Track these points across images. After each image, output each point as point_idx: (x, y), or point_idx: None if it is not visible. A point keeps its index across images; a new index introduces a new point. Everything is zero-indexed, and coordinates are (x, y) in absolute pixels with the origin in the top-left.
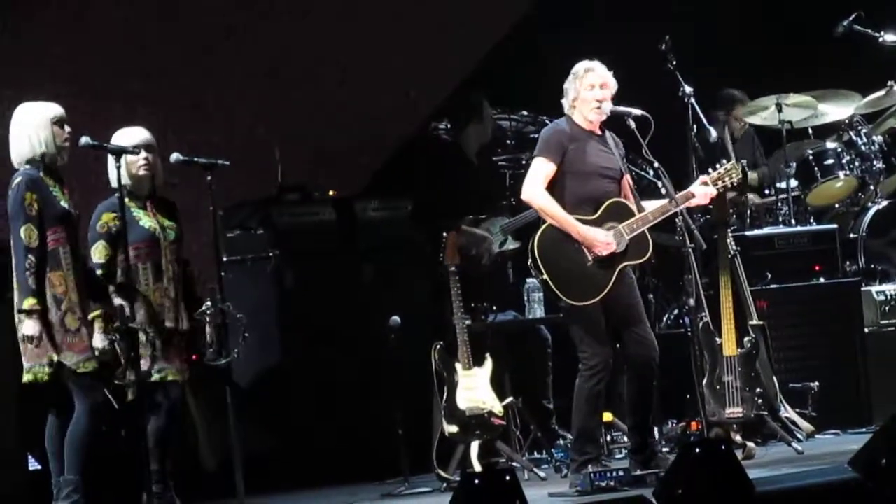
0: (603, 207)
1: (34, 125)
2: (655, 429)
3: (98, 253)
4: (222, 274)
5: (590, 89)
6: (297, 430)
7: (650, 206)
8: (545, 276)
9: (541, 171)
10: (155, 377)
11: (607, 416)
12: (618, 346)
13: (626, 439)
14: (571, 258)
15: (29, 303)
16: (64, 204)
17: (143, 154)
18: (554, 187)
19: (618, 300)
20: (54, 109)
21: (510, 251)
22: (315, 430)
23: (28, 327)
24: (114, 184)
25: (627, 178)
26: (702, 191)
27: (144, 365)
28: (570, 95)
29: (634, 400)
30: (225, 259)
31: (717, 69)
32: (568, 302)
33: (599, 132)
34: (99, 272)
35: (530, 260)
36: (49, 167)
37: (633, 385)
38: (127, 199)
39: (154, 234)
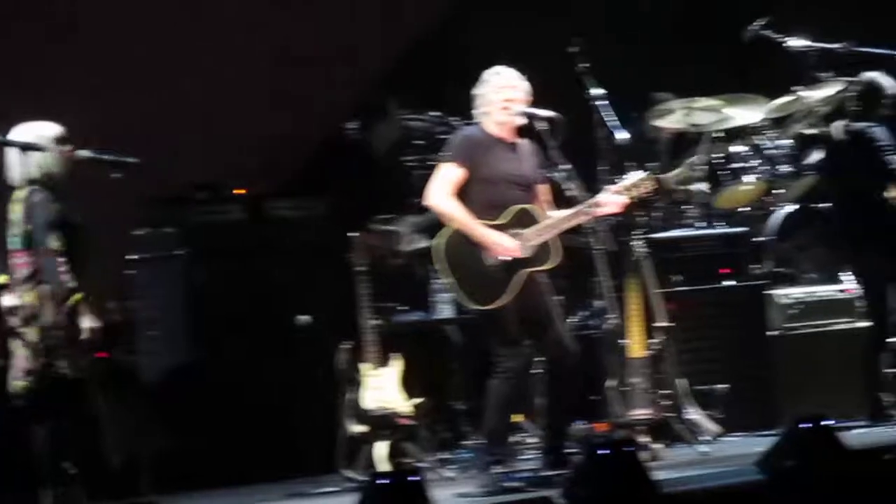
0: (509, 213)
1: None
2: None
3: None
4: (131, 272)
5: (498, 92)
6: (204, 428)
7: (561, 213)
8: (448, 280)
9: (447, 176)
10: (60, 374)
11: (516, 417)
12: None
13: (533, 440)
14: (475, 262)
15: None
16: None
17: (64, 147)
18: (461, 193)
19: (530, 304)
20: None
21: (420, 251)
22: (222, 429)
23: None
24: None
25: (544, 187)
26: (611, 199)
27: (48, 362)
28: (480, 101)
29: (552, 401)
30: (134, 257)
31: (630, 72)
32: (470, 305)
33: (512, 140)
34: None
35: (434, 264)
36: None
37: (551, 386)
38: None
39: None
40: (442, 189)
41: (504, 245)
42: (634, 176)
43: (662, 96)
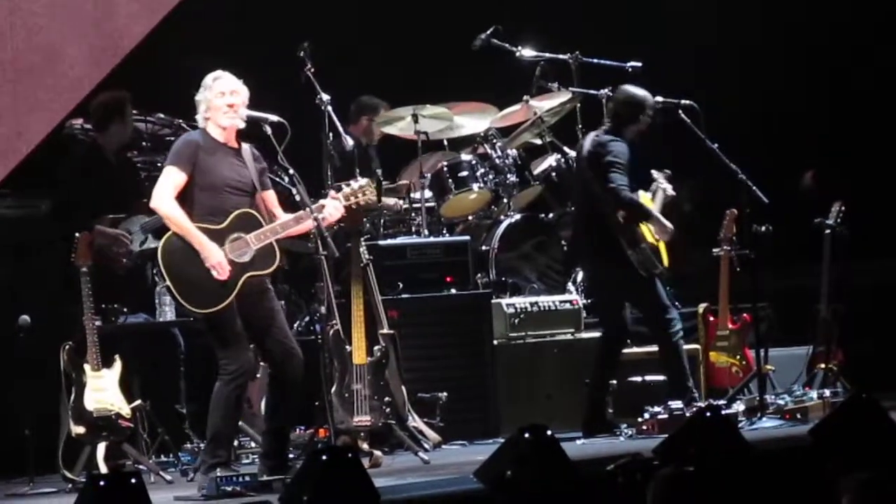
0: (230, 218)
1: None
2: None
3: None
4: None
5: (220, 97)
6: None
7: (284, 218)
8: (168, 283)
9: (170, 180)
10: None
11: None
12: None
13: (254, 444)
14: (196, 266)
15: None
16: None
17: None
18: (184, 197)
19: (254, 310)
20: None
21: (149, 251)
22: None
23: None
24: None
25: (268, 193)
26: (332, 205)
27: None
28: (202, 107)
29: (275, 406)
30: None
31: (358, 78)
32: (192, 309)
33: (236, 145)
34: None
35: (156, 267)
36: None
37: (275, 391)
38: None
39: None
40: (165, 192)
41: (217, 262)
42: (356, 184)
43: (373, 101)
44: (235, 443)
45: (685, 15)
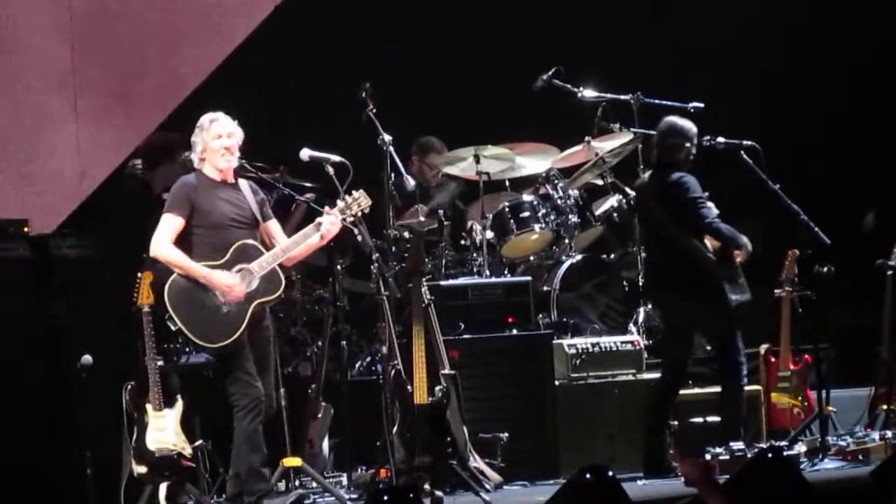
0: (231, 251)
1: None
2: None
3: None
4: None
5: (216, 139)
6: None
7: (285, 242)
8: (179, 325)
9: (168, 226)
10: None
11: (295, 461)
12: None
13: (315, 484)
14: (204, 303)
15: None
16: None
17: None
18: (185, 239)
19: (259, 339)
20: None
21: None
22: (1, 469)
23: None
24: None
25: (270, 223)
26: (327, 220)
27: None
28: (198, 148)
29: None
30: None
31: (422, 119)
32: (206, 345)
33: (232, 181)
34: None
35: (167, 312)
36: None
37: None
38: None
39: None
40: (163, 238)
41: (225, 284)
42: (349, 196)
43: (431, 142)
44: (296, 482)
45: (748, 53)
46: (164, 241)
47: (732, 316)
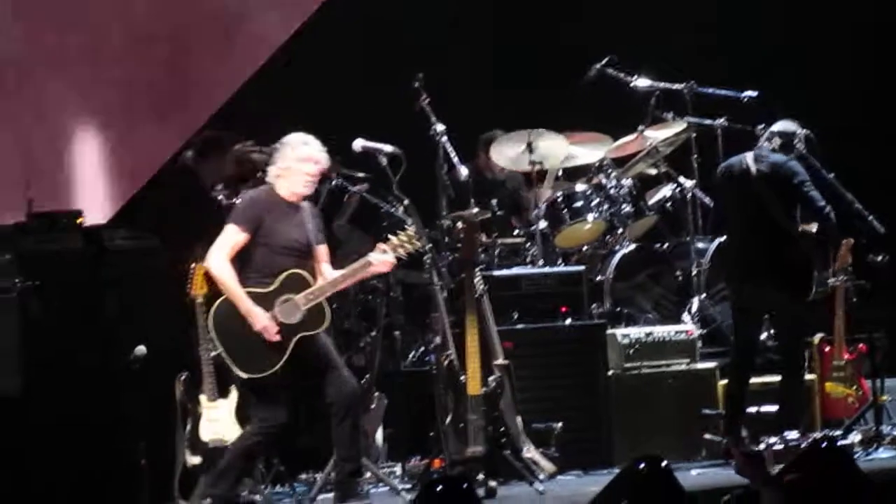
0: (279, 279)
1: None
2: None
3: None
4: None
5: (303, 163)
6: (37, 458)
7: (333, 275)
8: (220, 350)
9: (230, 239)
10: None
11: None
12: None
13: (368, 474)
14: (246, 331)
15: None
16: None
17: None
18: (241, 256)
19: (304, 359)
20: None
21: None
22: (56, 460)
23: None
24: None
25: (320, 248)
26: (378, 259)
27: None
28: (278, 164)
29: (343, 435)
30: None
31: (473, 109)
32: (240, 374)
33: (298, 202)
34: None
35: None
36: None
37: (339, 422)
38: None
39: None
40: (221, 252)
41: (262, 326)
42: (403, 234)
43: (497, 134)
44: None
45: (800, 40)
46: (220, 256)
47: (805, 301)
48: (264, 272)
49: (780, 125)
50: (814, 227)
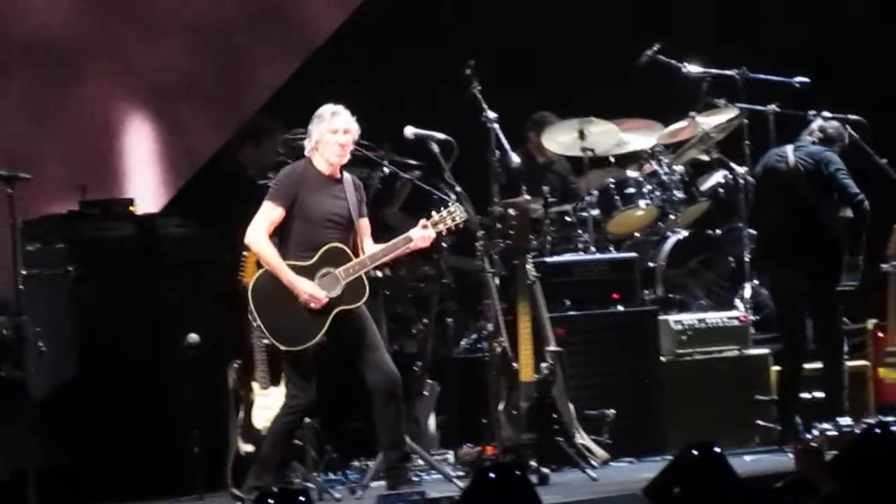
0: (319, 253)
1: None
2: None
3: None
4: (20, 287)
5: (333, 133)
6: (91, 445)
7: (374, 249)
8: (259, 322)
9: (267, 215)
10: None
11: None
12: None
13: (421, 461)
14: (286, 304)
15: None
16: None
17: None
18: (280, 230)
19: (344, 336)
20: None
21: None
22: (110, 446)
23: None
24: None
25: (362, 221)
26: (419, 234)
27: None
28: (312, 137)
29: (387, 421)
30: (24, 272)
31: (525, 97)
32: (279, 346)
33: (338, 176)
34: None
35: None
36: None
37: (383, 408)
38: None
39: None
40: (260, 227)
41: (309, 294)
42: (444, 210)
43: (548, 118)
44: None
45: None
46: (259, 231)
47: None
48: (304, 246)
49: (823, 122)
50: (850, 213)
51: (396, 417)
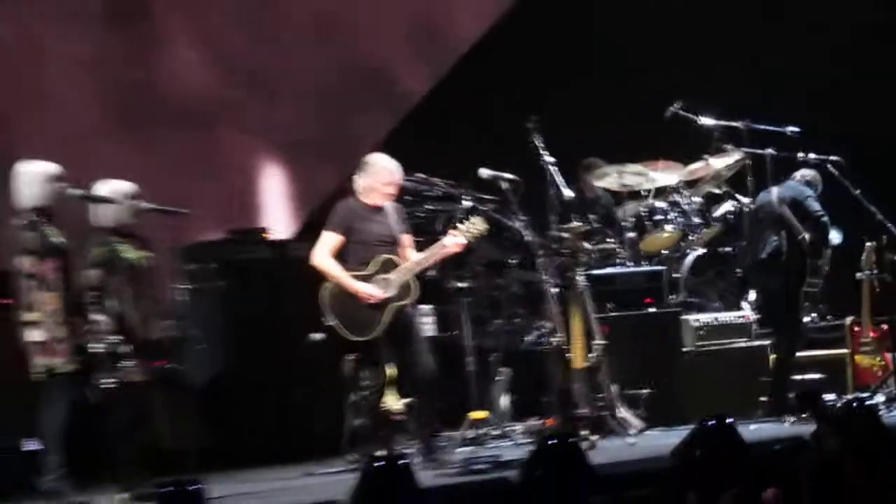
0: (372, 263)
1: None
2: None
3: (93, 278)
4: (182, 298)
5: (385, 185)
6: (238, 421)
7: (417, 256)
8: (332, 322)
9: (326, 242)
10: (128, 378)
11: (482, 414)
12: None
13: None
14: (352, 305)
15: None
16: (54, 240)
17: (134, 202)
18: (341, 252)
19: (396, 332)
20: (51, 168)
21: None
22: (252, 422)
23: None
24: (102, 223)
25: (404, 237)
26: (451, 241)
27: (120, 367)
28: (364, 181)
29: (425, 410)
30: (184, 286)
31: (576, 142)
32: (351, 338)
33: (381, 205)
34: (93, 293)
35: (322, 309)
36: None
37: (421, 396)
38: (113, 236)
39: (135, 263)
40: (322, 251)
41: (368, 293)
42: (469, 221)
43: (595, 162)
44: (480, 430)
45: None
46: (322, 254)
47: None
48: (361, 260)
49: (805, 171)
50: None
51: (431, 408)
